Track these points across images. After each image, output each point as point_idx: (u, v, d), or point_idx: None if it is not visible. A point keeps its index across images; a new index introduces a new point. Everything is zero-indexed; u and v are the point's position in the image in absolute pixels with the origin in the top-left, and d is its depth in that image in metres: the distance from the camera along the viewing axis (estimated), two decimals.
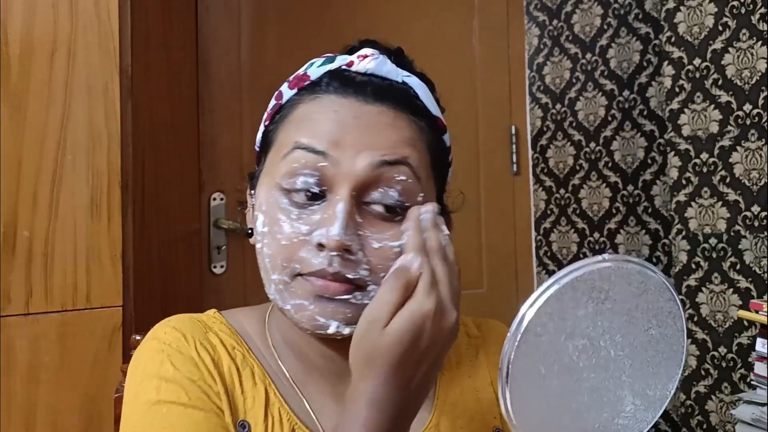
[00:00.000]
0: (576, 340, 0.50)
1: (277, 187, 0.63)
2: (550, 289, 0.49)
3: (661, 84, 1.79)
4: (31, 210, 1.21)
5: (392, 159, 0.62)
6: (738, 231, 1.57)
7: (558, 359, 0.50)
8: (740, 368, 1.56)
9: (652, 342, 0.52)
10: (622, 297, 0.51)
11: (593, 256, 0.51)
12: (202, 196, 1.75)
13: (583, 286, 0.50)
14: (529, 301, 0.49)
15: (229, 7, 1.82)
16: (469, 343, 0.78)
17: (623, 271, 0.51)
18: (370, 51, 0.68)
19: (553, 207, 2.12)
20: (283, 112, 0.68)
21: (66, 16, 1.24)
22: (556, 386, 0.50)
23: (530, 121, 2.18)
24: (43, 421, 1.19)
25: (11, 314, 1.19)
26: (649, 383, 0.53)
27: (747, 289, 1.56)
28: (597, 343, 0.50)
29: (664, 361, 0.53)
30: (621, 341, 0.51)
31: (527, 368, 0.49)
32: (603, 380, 0.51)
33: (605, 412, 0.52)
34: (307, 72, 0.68)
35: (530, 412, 0.50)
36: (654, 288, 0.52)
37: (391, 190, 0.61)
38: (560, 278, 0.49)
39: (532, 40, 2.17)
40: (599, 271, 0.50)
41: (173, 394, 0.62)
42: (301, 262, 0.61)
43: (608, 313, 0.50)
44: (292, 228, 0.61)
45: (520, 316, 0.49)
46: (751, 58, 1.55)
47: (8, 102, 1.20)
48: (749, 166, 1.55)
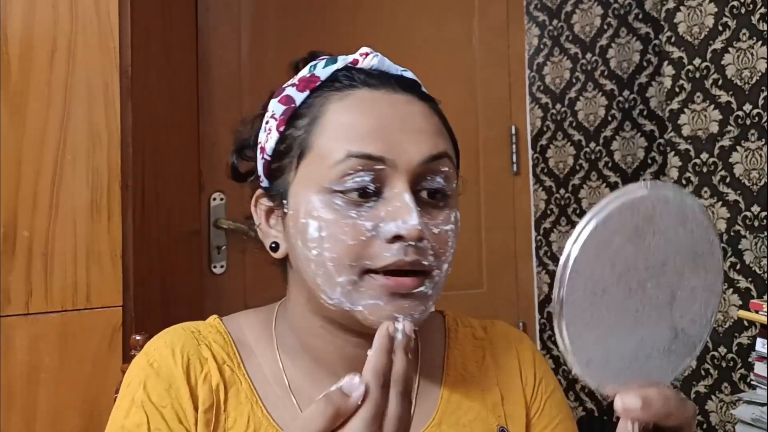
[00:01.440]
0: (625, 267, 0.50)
1: (325, 191, 0.62)
2: (592, 221, 0.49)
3: (661, 84, 1.79)
4: (31, 210, 1.21)
5: (438, 153, 0.64)
6: (738, 231, 1.57)
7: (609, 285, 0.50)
8: (740, 368, 1.56)
9: (694, 271, 0.52)
10: (665, 225, 0.51)
11: (634, 183, 0.51)
12: (202, 196, 1.75)
13: (628, 212, 0.50)
14: (578, 227, 0.49)
15: (229, 7, 1.82)
16: (475, 344, 0.78)
17: (663, 199, 0.51)
18: (369, 49, 0.69)
19: (553, 207, 2.12)
20: (307, 117, 0.66)
21: (66, 16, 1.24)
22: (608, 313, 0.50)
23: (530, 121, 2.18)
24: (43, 421, 1.19)
25: (11, 314, 1.19)
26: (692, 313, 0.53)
27: (747, 289, 1.56)
28: (644, 271, 0.51)
29: (705, 292, 0.53)
30: (666, 270, 0.51)
31: (581, 291, 0.49)
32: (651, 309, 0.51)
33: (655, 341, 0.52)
34: (315, 73, 0.68)
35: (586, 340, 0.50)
36: (693, 217, 0.52)
37: (437, 178, 0.64)
38: (607, 204, 0.49)
39: (532, 40, 2.17)
40: (639, 200, 0.50)
41: (135, 422, 0.64)
42: (371, 258, 0.61)
43: (652, 241, 0.50)
44: (356, 227, 0.61)
45: (571, 241, 0.49)
46: (751, 58, 1.55)
47: (8, 102, 1.20)
48: (749, 166, 1.55)
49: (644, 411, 0.50)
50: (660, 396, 0.51)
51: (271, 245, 0.69)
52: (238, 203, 1.75)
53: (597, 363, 0.51)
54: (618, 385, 0.51)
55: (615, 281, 0.50)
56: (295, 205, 0.65)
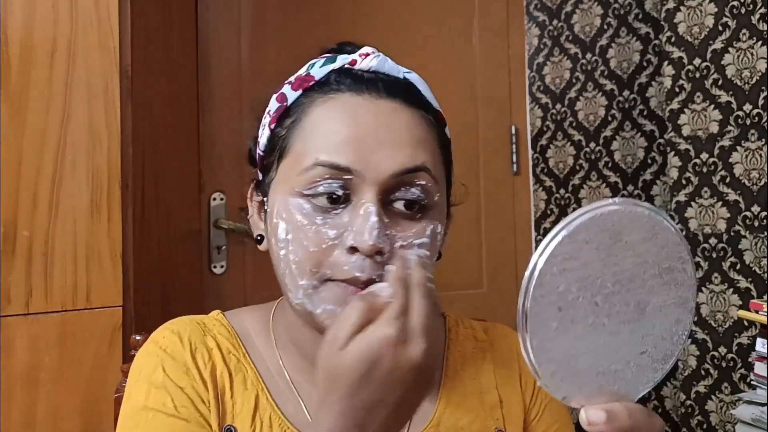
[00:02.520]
0: (591, 281, 0.50)
1: (296, 194, 0.63)
2: (565, 229, 0.49)
3: (661, 84, 1.79)
4: (31, 210, 1.21)
5: (413, 166, 0.63)
6: (738, 231, 1.57)
7: (574, 299, 0.49)
8: (740, 368, 1.56)
9: (664, 287, 0.52)
10: (634, 240, 0.50)
11: (603, 200, 0.50)
12: (202, 196, 1.75)
13: (594, 227, 0.49)
14: (545, 240, 0.49)
15: (229, 7, 1.82)
16: (476, 346, 0.77)
17: (633, 214, 0.50)
18: (371, 49, 0.68)
19: (553, 207, 2.12)
20: (292, 116, 0.67)
21: (66, 16, 1.24)
22: (574, 327, 0.50)
23: (530, 121, 2.18)
24: (43, 421, 1.19)
25: (11, 314, 1.19)
26: (662, 329, 0.53)
27: (747, 289, 1.56)
28: (610, 286, 0.50)
29: (677, 307, 0.53)
30: (634, 286, 0.51)
31: (545, 306, 0.49)
32: (619, 324, 0.51)
33: (622, 356, 0.52)
34: (310, 72, 0.68)
35: (549, 351, 0.50)
36: (663, 233, 0.51)
37: (411, 189, 0.63)
38: (574, 218, 0.49)
39: (532, 40, 2.17)
40: (610, 214, 0.49)
41: (159, 401, 0.64)
42: (331, 267, 0.61)
43: (620, 256, 0.50)
44: (318, 234, 0.61)
45: (537, 254, 0.49)
46: (751, 58, 1.55)
47: (8, 102, 1.20)
48: (749, 166, 1.55)
49: (608, 425, 0.50)
50: (625, 410, 0.50)
51: (257, 237, 0.71)
52: (238, 203, 1.75)
53: (561, 375, 0.50)
54: (584, 398, 0.51)
55: (581, 295, 0.49)
56: (272, 204, 0.66)
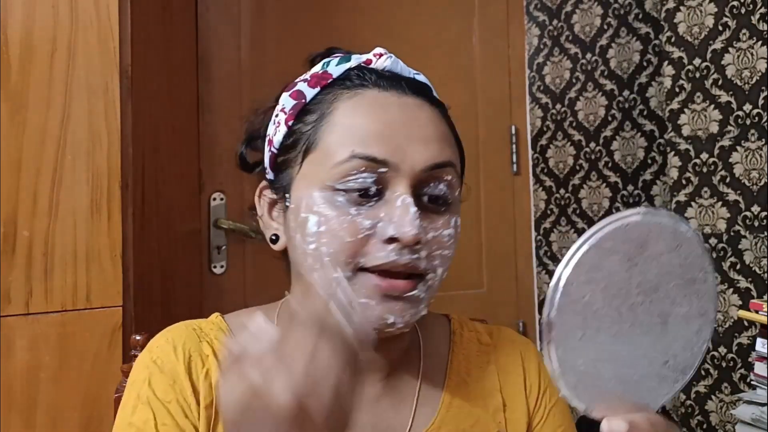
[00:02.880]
0: (616, 291, 0.50)
1: (327, 188, 0.63)
2: (593, 238, 0.49)
3: (661, 84, 1.79)
4: (31, 210, 1.21)
5: (442, 161, 0.65)
6: (738, 231, 1.57)
7: (599, 309, 0.50)
8: (740, 368, 1.56)
9: (686, 298, 0.52)
10: (659, 251, 0.51)
11: (628, 210, 0.50)
12: (202, 196, 1.75)
13: (621, 237, 0.49)
14: (572, 249, 0.49)
15: (229, 7, 1.82)
16: (480, 349, 0.77)
17: (657, 225, 0.50)
18: (383, 50, 0.69)
19: (553, 207, 2.12)
20: (316, 112, 0.67)
21: (66, 16, 1.24)
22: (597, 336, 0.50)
23: (530, 121, 2.18)
24: (43, 421, 1.19)
25: (11, 314, 1.19)
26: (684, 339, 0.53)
27: (747, 289, 1.56)
28: (634, 295, 0.50)
29: (698, 319, 0.53)
30: (658, 296, 0.51)
31: (570, 315, 0.49)
32: (642, 334, 0.51)
33: (644, 367, 0.52)
34: (327, 70, 0.68)
35: (572, 360, 0.50)
36: (686, 244, 0.52)
37: (440, 185, 0.65)
38: (600, 228, 0.49)
39: (532, 40, 2.17)
40: (634, 225, 0.50)
41: (142, 418, 0.65)
42: (366, 256, 0.62)
43: (644, 266, 0.50)
44: (354, 224, 0.62)
45: (564, 263, 0.49)
46: (751, 58, 1.55)
47: (8, 102, 1.20)
48: (749, 166, 1.55)
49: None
50: (646, 421, 0.50)
51: (272, 237, 0.70)
52: (238, 203, 1.75)
53: (585, 385, 0.51)
54: (605, 408, 0.51)
55: (605, 305, 0.50)
56: (297, 200, 0.66)
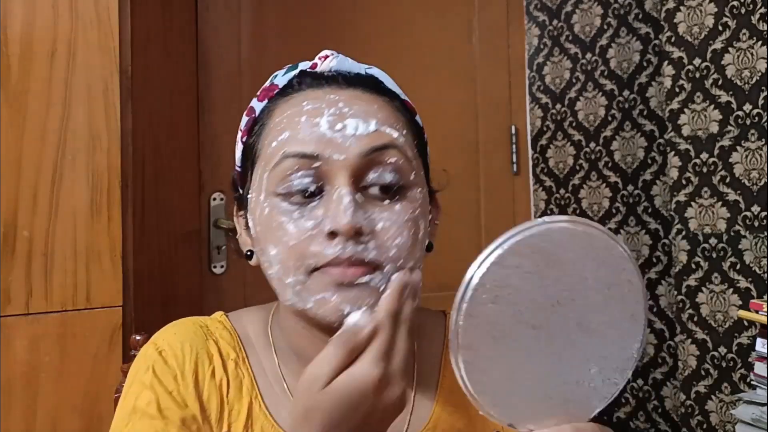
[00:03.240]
0: (527, 306, 0.48)
1: (271, 194, 0.63)
2: (492, 255, 0.47)
3: (661, 84, 1.79)
4: (31, 210, 1.21)
5: (380, 144, 0.63)
6: (738, 231, 1.57)
7: (510, 326, 0.48)
8: (740, 368, 1.56)
9: (609, 302, 0.50)
10: (570, 259, 0.48)
11: (533, 220, 0.48)
12: (202, 196, 1.75)
13: (525, 250, 0.47)
14: (472, 267, 0.47)
15: (229, 7, 1.82)
16: None
17: (567, 231, 0.48)
18: (329, 52, 0.69)
19: (553, 207, 2.12)
20: (259, 123, 0.68)
21: (66, 16, 1.24)
22: (513, 354, 0.48)
23: (530, 121, 2.18)
24: (43, 421, 1.19)
25: (11, 314, 1.19)
26: (612, 344, 0.51)
27: (747, 289, 1.56)
28: (549, 307, 0.48)
29: (625, 321, 0.51)
30: (576, 304, 0.49)
31: (479, 337, 0.47)
32: (562, 345, 0.49)
33: (569, 377, 0.50)
34: (274, 82, 0.69)
35: (489, 381, 0.48)
36: (603, 247, 0.49)
37: (385, 172, 0.63)
38: (501, 243, 0.47)
39: (532, 40, 2.17)
40: (541, 234, 0.48)
41: (145, 401, 0.65)
42: (314, 257, 0.61)
43: (557, 276, 0.48)
44: (297, 227, 0.61)
45: (465, 283, 0.47)
46: (751, 58, 1.55)
47: (8, 102, 1.20)
48: (749, 166, 1.55)
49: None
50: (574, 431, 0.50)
51: (246, 253, 0.71)
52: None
53: (505, 404, 0.49)
54: (532, 423, 0.50)
55: (516, 321, 0.48)
56: (252, 212, 0.66)
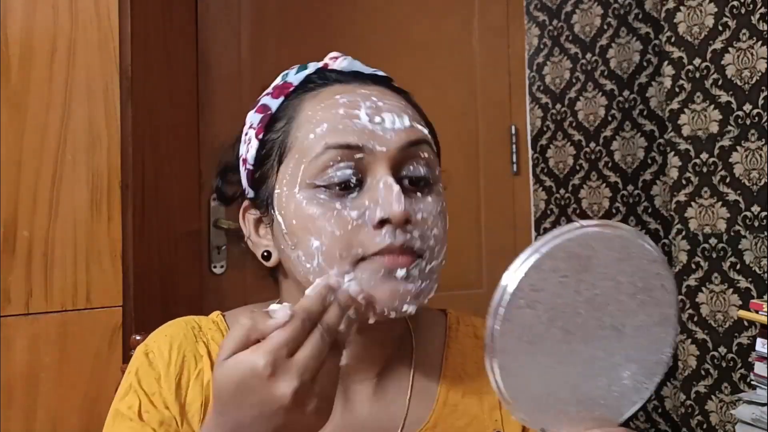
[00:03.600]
0: (561, 310, 0.48)
1: (307, 186, 0.63)
2: (530, 259, 0.47)
3: (661, 84, 1.79)
4: (31, 210, 1.21)
5: (416, 139, 0.64)
6: (738, 231, 1.57)
7: (545, 330, 0.48)
8: (740, 368, 1.56)
9: (642, 306, 0.50)
10: (605, 263, 0.49)
11: (569, 224, 0.49)
12: (202, 196, 1.75)
13: (561, 254, 0.48)
14: (509, 272, 0.47)
15: (229, 7, 1.82)
16: (476, 344, 0.77)
17: (602, 236, 0.49)
18: (338, 53, 0.70)
19: (553, 207, 2.12)
20: (284, 119, 0.67)
21: (66, 16, 1.24)
22: (546, 358, 0.48)
23: (530, 121, 2.18)
24: (43, 421, 1.19)
25: (11, 314, 1.19)
26: (644, 348, 0.51)
27: (747, 289, 1.56)
28: (583, 311, 0.49)
29: (657, 325, 0.51)
30: (609, 308, 0.49)
31: (514, 342, 0.47)
32: (595, 349, 0.49)
33: (601, 381, 0.50)
34: (287, 80, 0.70)
35: (523, 386, 0.48)
36: (637, 251, 0.50)
37: (420, 166, 0.64)
38: (539, 248, 0.47)
39: (532, 40, 2.17)
40: (578, 239, 0.48)
41: (127, 404, 0.67)
42: (361, 246, 0.61)
43: (592, 280, 0.49)
44: (341, 217, 0.61)
45: (501, 288, 0.47)
46: (751, 58, 1.55)
47: (8, 102, 1.20)
48: (749, 166, 1.55)
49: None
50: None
51: (263, 254, 0.70)
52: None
53: (538, 408, 0.49)
54: (564, 427, 0.50)
55: (552, 325, 0.48)
56: (280, 207, 0.65)
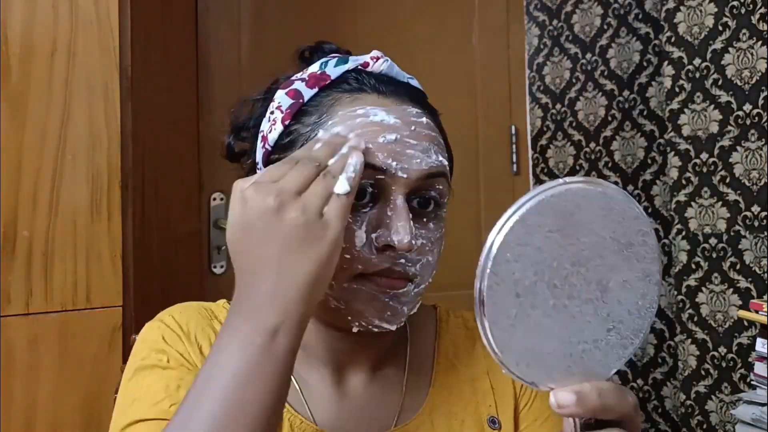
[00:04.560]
0: (547, 264, 0.49)
1: None
2: (516, 214, 0.48)
3: (661, 84, 1.79)
4: (31, 210, 1.21)
5: (437, 171, 0.65)
6: (738, 231, 1.57)
7: (532, 285, 0.49)
8: (740, 368, 1.56)
9: (626, 262, 0.51)
10: (588, 219, 0.50)
11: (553, 180, 0.50)
12: (202, 196, 1.75)
13: (546, 209, 0.49)
14: (495, 228, 0.48)
15: (229, 7, 1.82)
16: (467, 335, 0.79)
17: (586, 192, 0.50)
18: (380, 53, 0.70)
19: None
20: (314, 114, 0.67)
21: (66, 16, 1.24)
22: (534, 312, 0.49)
23: (530, 121, 2.18)
24: (43, 421, 1.19)
25: (11, 314, 1.19)
26: (629, 304, 0.52)
27: (747, 289, 1.56)
28: (569, 266, 0.50)
29: (641, 281, 0.52)
30: (593, 264, 0.50)
31: (502, 295, 0.48)
32: (581, 304, 0.50)
33: (587, 336, 0.51)
34: (325, 71, 0.68)
35: (510, 339, 0.49)
36: (619, 208, 0.51)
37: (431, 193, 0.66)
38: (524, 203, 0.48)
39: (532, 40, 2.17)
40: (562, 194, 0.49)
41: (155, 359, 0.68)
42: (363, 264, 0.63)
43: (576, 235, 0.50)
44: (349, 231, 0.62)
45: (489, 243, 0.48)
46: (751, 58, 1.55)
47: (8, 102, 1.20)
48: (749, 166, 1.55)
49: (578, 406, 0.49)
50: (595, 390, 0.50)
51: None
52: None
53: (526, 362, 0.50)
54: (553, 382, 0.51)
55: (538, 280, 0.49)
56: None
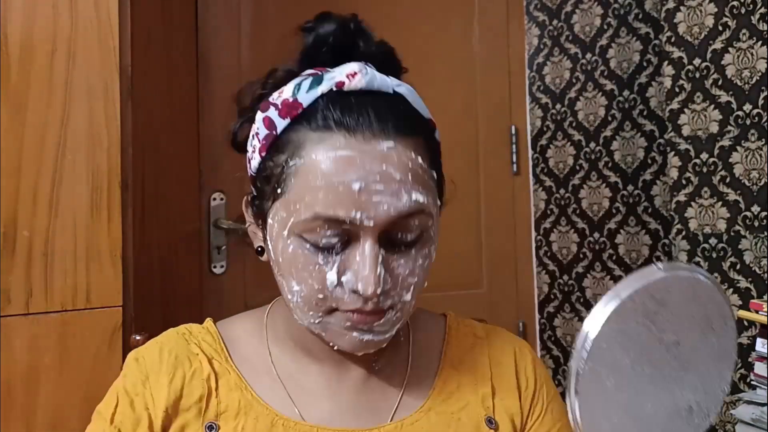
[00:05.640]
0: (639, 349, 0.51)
1: (296, 235, 0.64)
2: (612, 303, 0.50)
3: (661, 84, 1.79)
4: (31, 210, 1.21)
5: (410, 210, 0.63)
6: (738, 231, 1.57)
7: (622, 370, 0.50)
8: (740, 368, 1.56)
9: (707, 345, 0.53)
10: (677, 304, 0.51)
11: (648, 266, 0.51)
12: (202, 196, 1.75)
13: (641, 298, 0.50)
14: (591, 316, 0.50)
15: (229, 7, 1.82)
16: (474, 342, 0.80)
17: (676, 278, 0.51)
18: (357, 67, 0.66)
19: (553, 207, 2.12)
20: (285, 153, 0.65)
21: (66, 16, 1.24)
22: (622, 396, 0.51)
23: (530, 121, 2.18)
24: (43, 421, 1.19)
25: (11, 314, 1.19)
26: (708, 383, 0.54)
27: (747, 289, 1.56)
28: (656, 350, 0.51)
29: (720, 360, 0.54)
30: (679, 346, 0.52)
31: (595, 382, 0.50)
32: (666, 385, 0.52)
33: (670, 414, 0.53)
34: (297, 98, 0.66)
35: (598, 422, 0.51)
36: (703, 291, 0.53)
37: (409, 232, 0.64)
38: (620, 291, 0.50)
39: (532, 40, 2.17)
40: (655, 283, 0.51)
41: (108, 403, 0.71)
42: (336, 302, 0.64)
43: (665, 319, 0.51)
44: (321, 274, 0.63)
45: (585, 332, 0.50)
46: (751, 58, 1.55)
47: (8, 102, 1.20)
48: (749, 166, 1.55)
49: None
50: None
51: (257, 249, 0.73)
52: (238, 203, 1.75)
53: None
54: None
55: (629, 365, 0.51)
56: (271, 237, 0.67)
